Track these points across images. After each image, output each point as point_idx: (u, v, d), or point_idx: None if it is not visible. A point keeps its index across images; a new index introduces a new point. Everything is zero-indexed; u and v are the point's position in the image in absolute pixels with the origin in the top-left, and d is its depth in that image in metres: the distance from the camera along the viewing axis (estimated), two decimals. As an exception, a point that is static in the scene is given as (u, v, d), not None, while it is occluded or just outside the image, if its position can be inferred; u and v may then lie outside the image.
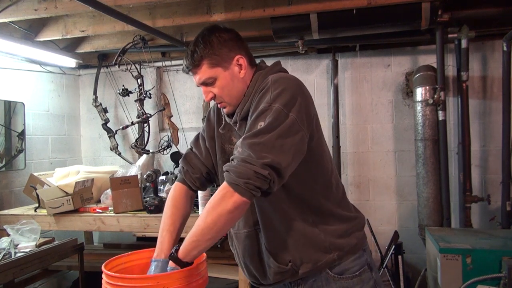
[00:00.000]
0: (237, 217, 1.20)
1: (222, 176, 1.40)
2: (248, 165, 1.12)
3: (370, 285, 1.36)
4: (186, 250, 1.21)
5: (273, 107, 1.18)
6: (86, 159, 4.13)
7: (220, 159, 1.43)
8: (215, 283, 2.78)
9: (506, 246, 2.41)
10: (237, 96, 1.33)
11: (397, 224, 3.48)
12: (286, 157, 1.15)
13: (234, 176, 1.13)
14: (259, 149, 1.13)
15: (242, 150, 1.16)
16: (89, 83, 4.04)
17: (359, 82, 3.54)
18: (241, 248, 1.42)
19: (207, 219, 1.16)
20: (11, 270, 2.18)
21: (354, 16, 2.78)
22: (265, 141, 1.14)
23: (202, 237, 1.18)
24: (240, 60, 1.32)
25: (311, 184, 1.32)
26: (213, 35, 1.31)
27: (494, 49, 3.25)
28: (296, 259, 1.31)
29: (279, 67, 1.40)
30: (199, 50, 1.29)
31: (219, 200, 1.15)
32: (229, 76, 1.31)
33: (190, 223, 2.56)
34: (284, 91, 1.21)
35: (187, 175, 1.48)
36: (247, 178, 1.12)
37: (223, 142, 1.43)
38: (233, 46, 1.32)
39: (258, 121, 1.18)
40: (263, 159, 1.12)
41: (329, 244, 1.32)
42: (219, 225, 1.16)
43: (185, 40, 3.35)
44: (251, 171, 1.11)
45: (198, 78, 1.33)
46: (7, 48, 3.00)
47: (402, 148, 3.47)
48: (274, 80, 1.26)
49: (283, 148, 1.15)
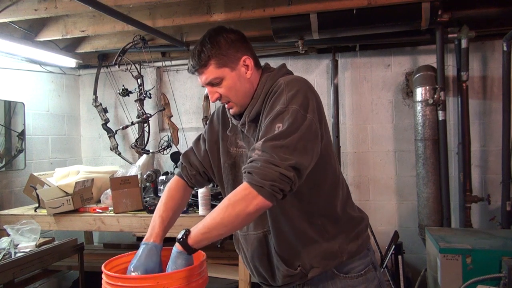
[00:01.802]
0: (254, 218, 1.20)
1: (228, 178, 1.41)
2: (273, 166, 1.11)
3: (374, 284, 1.37)
4: (197, 238, 1.20)
5: (290, 108, 1.19)
6: (86, 159, 4.13)
7: (226, 162, 1.42)
8: (215, 283, 2.78)
9: (506, 246, 2.42)
10: (243, 96, 1.33)
11: (397, 224, 3.48)
12: (308, 158, 1.16)
13: (258, 178, 1.12)
14: (282, 151, 1.12)
15: (262, 152, 1.14)
16: (89, 83, 4.04)
17: (359, 82, 3.54)
18: (250, 250, 1.41)
19: (225, 215, 1.15)
20: (11, 270, 2.18)
21: (354, 16, 2.78)
22: (287, 143, 1.13)
23: (216, 231, 1.18)
24: (247, 60, 1.32)
25: (320, 185, 1.32)
26: (220, 35, 1.31)
27: (494, 49, 3.25)
28: (306, 264, 1.32)
29: (286, 69, 1.40)
30: (206, 50, 1.28)
31: (240, 200, 1.14)
32: (236, 76, 1.31)
33: (191, 223, 2.55)
34: (298, 92, 1.22)
35: (184, 171, 1.51)
36: (272, 180, 1.11)
37: (228, 145, 1.42)
38: (239, 46, 1.32)
39: (276, 122, 1.18)
40: (287, 161, 1.12)
41: (339, 248, 1.33)
42: (235, 224, 1.17)
43: (185, 40, 3.35)
44: (277, 173, 1.11)
45: (204, 78, 1.32)
46: (7, 48, 3.01)
47: (402, 148, 3.47)
48: (287, 82, 1.26)
49: (305, 149, 1.16)
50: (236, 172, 1.40)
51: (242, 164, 1.35)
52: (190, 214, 2.65)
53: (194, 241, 1.20)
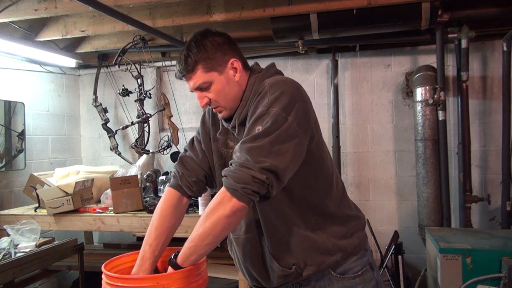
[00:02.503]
0: (235, 222, 1.19)
1: (219, 179, 1.37)
2: (246, 169, 1.12)
3: (372, 285, 1.36)
4: (184, 255, 1.21)
5: (271, 111, 1.18)
6: (86, 159, 4.13)
7: (216, 162, 1.42)
8: (215, 283, 2.78)
9: (506, 246, 2.42)
10: (233, 99, 1.32)
11: (397, 224, 3.48)
12: (284, 160, 1.15)
13: (232, 181, 1.13)
14: (256, 153, 1.12)
15: (240, 154, 1.15)
16: (89, 83, 4.04)
17: (359, 82, 3.54)
18: (241, 252, 1.41)
19: (206, 224, 1.15)
20: (11, 270, 2.18)
21: (354, 16, 2.78)
22: (263, 145, 1.13)
23: (200, 242, 1.18)
24: (235, 63, 1.31)
25: (312, 184, 1.31)
26: (206, 39, 1.29)
27: (494, 49, 3.25)
28: (300, 262, 1.31)
29: (275, 69, 1.39)
30: (192, 54, 1.26)
31: (217, 205, 1.15)
32: (225, 80, 1.29)
33: (191, 223, 2.54)
34: (282, 94, 1.20)
35: (182, 180, 1.45)
36: (244, 183, 1.11)
37: (219, 145, 1.42)
38: (227, 49, 1.30)
39: (256, 125, 1.18)
40: (260, 163, 1.11)
41: (332, 245, 1.32)
42: (217, 230, 1.16)
43: (185, 40, 3.35)
44: (249, 176, 1.11)
45: (192, 83, 1.30)
46: (7, 48, 3.00)
47: (402, 148, 3.47)
48: (271, 83, 1.24)
49: (281, 151, 1.14)
50: None
51: None
52: (190, 214, 2.65)
53: (182, 259, 1.21)
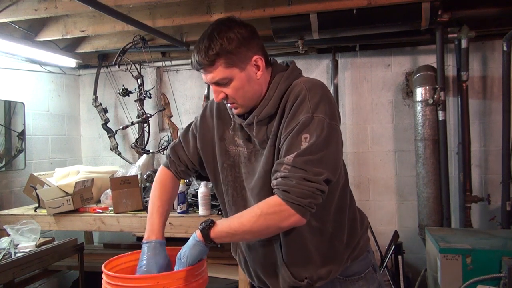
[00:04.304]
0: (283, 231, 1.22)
1: (228, 180, 1.36)
2: (309, 183, 1.10)
3: (374, 286, 1.36)
4: (220, 235, 1.19)
5: (315, 117, 1.14)
6: (86, 159, 4.13)
7: (225, 162, 1.36)
8: (215, 283, 2.78)
9: (506, 246, 2.42)
10: (251, 98, 1.24)
11: (397, 224, 3.48)
12: (337, 169, 1.17)
13: (295, 196, 1.10)
14: (315, 166, 1.11)
15: (293, 168, 1.11)
16: (89, 83, 4.04)
17: (359, 82, 3.54)
18: (252, 256, 1.38)
19: (255, 224, 1.14)
20: (11, 270, 2.18)
21: (354, 16, 2.78)
22: (320, 157, 1.12)
23: (241, 235, 1.20)
24: (259, 61, 1.22)
25: (333, 191, 1.28)
26: (231, 31, 1.17)
27: (494, 49, 3.25)
28: (314, 277, 1.29)
29: (299, 69, 1.34)
30: (214, 46, 1.15)
31: (274, 214, 1.13)
32: (245, 77, 1.21)
33: (191, 223, 2.54)
34: (322, 99, 1.17)
35: (172, 165, 1.48)
36: (310, 197, 1.11)
37: (227, 144, 1.36)
38: (251, 45, 1.20)
39: (303, 134, 1.14)
40: (321, 175, 1.11)
41: (348, 256, 1.32)
42: (262, 234, 1.19)
43: (185, 40, 3.35)
44: (314, 189, 1.10)
45: (210, 77, 1.21)
46: (7, 48, 3.00)
47: (402, 148, 3.46)
48: (309, 87, 1.19)
49: (336, 161, 1.16)
50: (236, 172, 1.35)
51: (241, 164, 1.33)
52: (190, 214, 2.64)
53: (216, 235, 1.19)
